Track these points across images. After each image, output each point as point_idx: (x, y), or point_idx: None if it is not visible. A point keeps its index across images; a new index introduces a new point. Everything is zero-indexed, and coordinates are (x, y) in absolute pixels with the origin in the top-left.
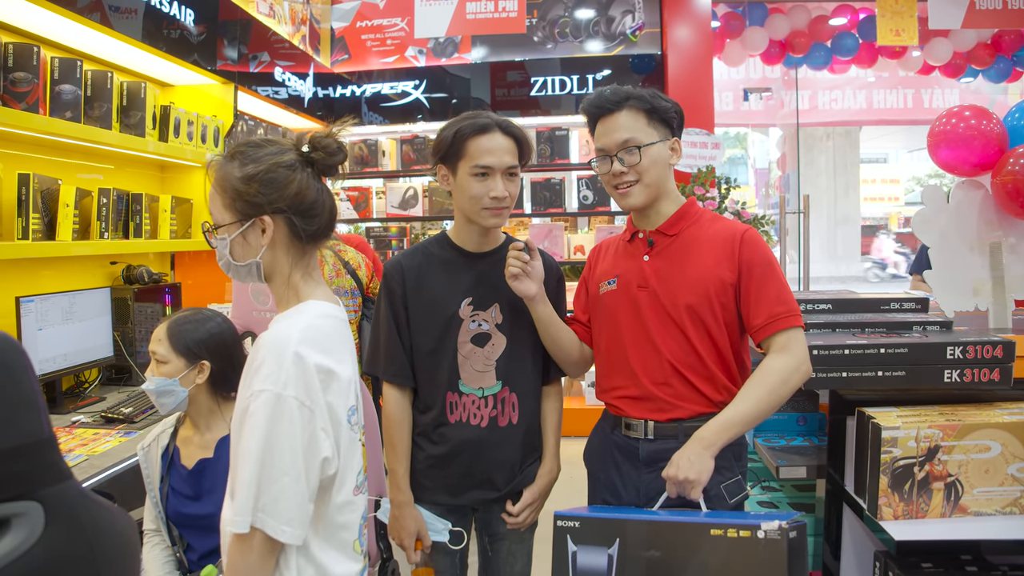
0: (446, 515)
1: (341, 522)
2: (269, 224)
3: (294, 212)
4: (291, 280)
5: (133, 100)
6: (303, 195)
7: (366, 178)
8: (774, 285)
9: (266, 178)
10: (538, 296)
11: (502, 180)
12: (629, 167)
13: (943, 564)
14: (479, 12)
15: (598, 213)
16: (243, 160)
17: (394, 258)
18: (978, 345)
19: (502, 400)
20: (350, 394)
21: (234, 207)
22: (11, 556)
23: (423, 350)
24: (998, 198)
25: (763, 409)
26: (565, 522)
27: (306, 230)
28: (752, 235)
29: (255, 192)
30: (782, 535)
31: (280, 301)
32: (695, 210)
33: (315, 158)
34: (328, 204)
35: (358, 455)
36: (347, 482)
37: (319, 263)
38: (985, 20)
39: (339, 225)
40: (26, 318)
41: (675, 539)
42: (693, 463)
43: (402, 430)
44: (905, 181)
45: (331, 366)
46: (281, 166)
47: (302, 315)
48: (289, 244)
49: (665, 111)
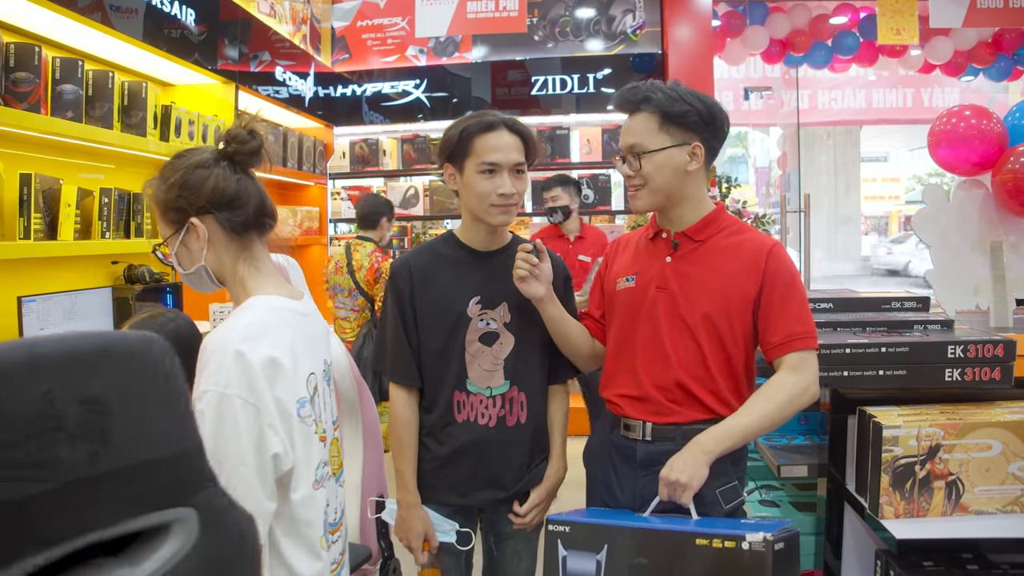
0: (453, 515)
1: (304, 518)
2: (198, 225)
3: (216, 207)
4: (237, 274)
5: (134, 100)
6: (221, 189)
7: (367, 177)
8: (796, 304)
9: (183, 182)
10: (546, 297)
11: (509, 177)
12: (635, 172)
13: (944, 563)
14: (480, 11)
15: (599, 212)
16: (166, 173)
17: (401, 257)
18: (979, 344)
19: (510, 400)
20: (298, 387)
21: (167, 218)
22: (173, 561)
23: (430, 349)
24: (999, 197)
25: (766, 424)
26: (556, 526)
27: (234, 221)
28: (779, 250)
29: (176, 197)
30: (767, 547)
31: (234, 300)
32: (723, 217)
33: (230, 151)
34: (254, 192)
35: (316, 449)
36: (305, 477)
37: (333, 260)
38: (986, 19)
39: (339, 225)
40: (28, 318)
41: (661, 547)
42: (687, 466)
43: (409, 431)
44: (905, 180)
45: (276, 356)
46: (196, 167)
47: (247, 312)
48: (226, 240)
49: (682, 116)
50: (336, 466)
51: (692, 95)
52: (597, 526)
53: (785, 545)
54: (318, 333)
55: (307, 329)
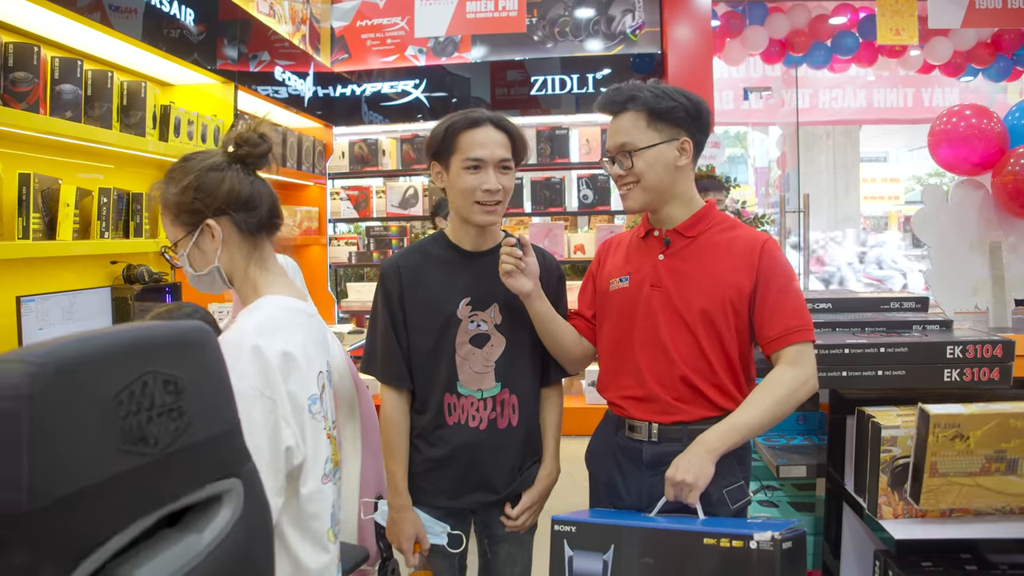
0: (444, 518)
1: (312, 512)
2: (214, 226)
3: (233, 209)
4: (248, 274)
5: (133, 100)
6: (237, 191)
7: (366, 177)
8: (791, 298)
9: (198, 184)
10: (534, 293)
11: (495, 173)
12: (626, 170)
13: (943, 563)
14: (479, 11)
15: (598, 212)
16: (176, 176)
17: (391, 258)
18: (978, 344)
19: (501, 402)
20: (310, 383)
21: (180, 221)
22: (226, 528)
23: (420, 351)
24: (998, 198)
25: (768, 419)
26: (562, 526)
27: (249, 223)
28: (772, 245)
29: (191, 200)
30: (775, 546)
31: (243, 300)
32: (714, 214)
33: (241, 154)
34: (266, 194)
35: (324, 444)
36: (314, 471)
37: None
38: (985, 19)
39: (339, 225)
40: (27, 318)
41: (669, 547)
42: (693, 466)
43: (400, 433)
44: (905, 180)
45: (291, 351)
46: (210, 170)
47: (259, 310)
48: (239, 240)
49: (670, 112)
50: (334, 464)
51: (676, 91)
52: (604, 526)
53: (793, 544)
54: (322, 334)
55: (314, 329)
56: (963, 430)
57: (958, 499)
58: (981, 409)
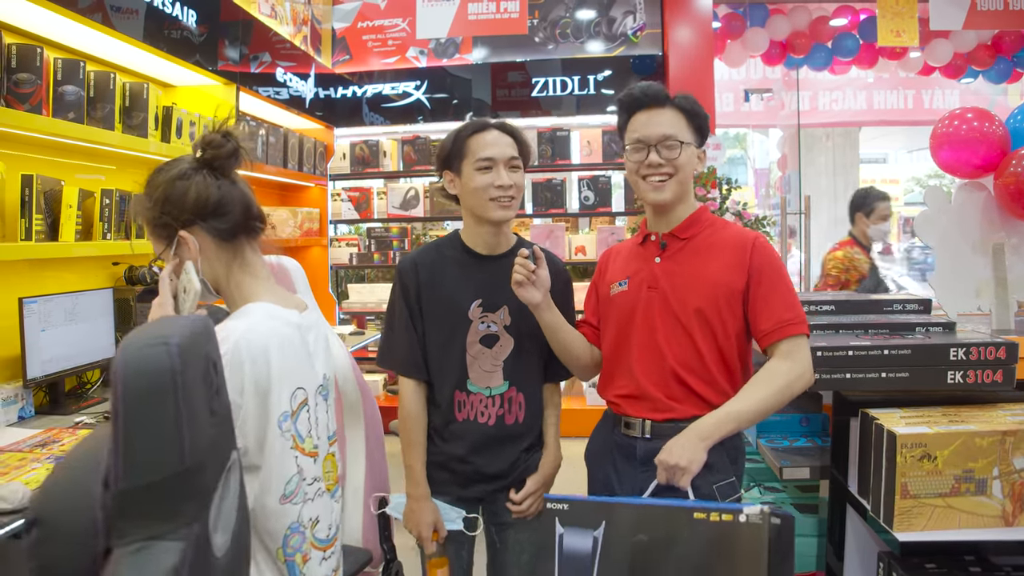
0: (456, 504)
1: (264, 527)
2: (188, 237)
3: (202, 217)
4: (231, 279)
5: (135, 101)
6: (204, 198)
7: (367, 178)
8: (783, 292)
9: (165, 196)
10: (543, 304)
11: (505, 170)
12: (667, 160)
13: (947, 565)
14: (481, 13)
15: (599, 214)
16: (147, 190)
17: (408, 254)
18: (981, 346)
19: (509, 399)
20: (282, 401)
21: (156, 234)
22: (236, 491)
23: (434, 345)
24: (1000, 200)
25: (763, 409)
26: (554, 504)
27: (221, 229)
28: (763, 242)
29: (160, 214)
30: (763, 519)
31: (230, 306)
32: (707, 216)
33: (207, 158)
34: (237, 197)
35: (289, 465)
36: (272, 488)
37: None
38: (986, 21)
39: (340, 226)
40: (29, 319)
41: (659, 522)
42: (686, 450)
43: (418, 425)
44: (905, 181)
45: (270, 360)
46: (176, 179)
47: (245, 316)
48: (216, 248)
49: (703, 119)
50: (331, 482)
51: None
52: (595, 503)
53: (782, 522)
54: (315, 346)
55: (300, 343)
56: (930, 450)
57: (931, 522)
58: (946, 428)
